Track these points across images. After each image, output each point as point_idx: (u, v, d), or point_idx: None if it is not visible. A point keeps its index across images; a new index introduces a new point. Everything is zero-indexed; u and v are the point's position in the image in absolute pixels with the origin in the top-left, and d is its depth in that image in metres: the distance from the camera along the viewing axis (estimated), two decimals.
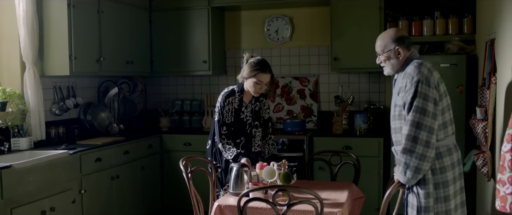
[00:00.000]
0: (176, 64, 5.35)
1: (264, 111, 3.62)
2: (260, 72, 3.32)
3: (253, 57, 3.43)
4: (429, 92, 2.56)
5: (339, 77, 5.24)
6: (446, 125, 2.66)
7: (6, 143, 3.84)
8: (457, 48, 4.38)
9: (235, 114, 3.44)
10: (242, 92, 3.47)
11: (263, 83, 3.36)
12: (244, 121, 3.49)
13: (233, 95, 3.44)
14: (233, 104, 3.43)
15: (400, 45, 2.74)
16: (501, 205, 2.30)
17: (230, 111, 3.43)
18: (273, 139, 3.69)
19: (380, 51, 2.82)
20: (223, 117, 3.40)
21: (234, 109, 3.43)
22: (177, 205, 5.15)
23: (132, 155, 4.64)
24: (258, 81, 3.33)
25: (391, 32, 2.82)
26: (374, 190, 4.56)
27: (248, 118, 3.50)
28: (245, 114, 3.49)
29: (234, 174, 3.06)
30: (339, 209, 2.70)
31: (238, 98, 3.45)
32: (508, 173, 2.26)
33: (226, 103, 3.41)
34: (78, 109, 4.80)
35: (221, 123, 3.40)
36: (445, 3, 4.75)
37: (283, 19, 5.35)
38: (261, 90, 3.41)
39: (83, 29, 4.33)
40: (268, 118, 3.66)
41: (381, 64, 2.87)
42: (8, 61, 4.18)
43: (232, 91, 3.46)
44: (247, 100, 3.50)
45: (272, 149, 3.66)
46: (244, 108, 3.48)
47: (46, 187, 3.55)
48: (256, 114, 3.54)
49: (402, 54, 2.75)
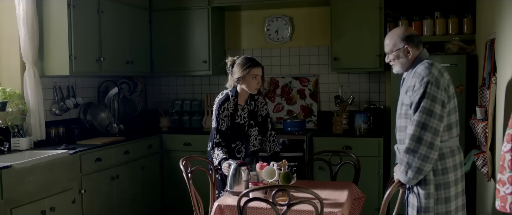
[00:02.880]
0: (176, 64, 5.35)
1: (261, 108, 3.61)
2: (253, 67, 3.35)
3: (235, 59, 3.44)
4: (437, 94, 2.54)
5: (339, 77, 5.24)
6: (451, 127, 2.65)
7: (6, 143, 3.84)
8: (457, 48, 4.38)
9: (231, 118, 3.45)
10: (237, 96, 3.47)
11: (259, 76, 3.39)
12: (240, 124, 3.49)
13: (228, 101, 3.44)
14: (229, 109, 3.44)
15: (409, 44, 2.72)
16: (501, 205, 2.30)
17: (226, 117, 3.44)
18: (273, 135, 3.67)
19: (388, 50, 2.78)
20: (219, 124, 3.42)
21: (230, 113, 3.44)
22: (177, 205, 5.15)
23: (132, 155, 4.64)
24: (253, 76, 3.36)
25: (399, 30, 2.78)
26: (374, 190, 4.56)
27: (245, 119, 3.50)
28: (241, 117, 3.49)
29: (231, 172, 3.06)
30: (339, 209, 2.70)
31: (233, 103, 3.45)
32: (508, 173, 2.26)
33: (221, 111, 3.42)
34: (78, 108, 4.80)
35: (216, 131, 3.42)
36: (445, 3, 4.75)
37: (283, 19, 5.35)
38: (259, 85, 3.42)
39: (83, 29, 4.33)
40: (266, 114, 3.65)
41: (390, 63, 2.83)
42: (8, 61, 4.18)
43: (227, 97, 3.45)
44: (242, 102, 3.50)
45: (273, 146, 3.64)
46: (240, 111, 3.49)
47: (46, 187, 3.55)
48: (252, 112, 3.54)
49: (411, 53, 2.73)
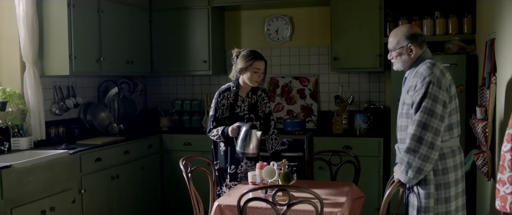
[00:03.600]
0: (176, 64, 5.35)
1: (263, 105, 3.62)
2: (256, 60, 3.38)
3: (241, 51, 3.47)
4: (439, 94, 2.54)
5: (339, 77, 5.24)
6: (452, 127, 2.65)
7: (6, 142, 3.84)
8: (457, 48, 4.38)
9: (230, 108, 3.48)
10: (238, 87, 3.50)
11: (260, 71, 3.41)
12: (240, 115, 3.50)
13: (228, 90, 3.50)
14: (229, 99, 3.48)
15: (413, 43, 2.71)
16: (501, 204, 2.30)
17: (224, 106, 3.48)
18: (275, 133, 3.67)
19: (392, 47, 2.78)
20: (216, 112, 3.47)
21: (229, 103, 3.48)
22: (177, 205, 5.15)
23: (132, 154, 4.64)
24: (255, 69, 3.38)
25: (404, 28, 2.78)
26: (374, 190, 4.56)
27: (245, 112, 3.52)
28: (241, 108, 3.51)
29: (242, 136, 3.13)
30: (339, 209, 2.70)
31: (234, 93, 3.49)
32: (508, 172, 2.26)
33: (220, 99, 3.47)
34: (78, 108, 4.80)
35: (213, 119, 3.48)
36: (445, 3, 4.75)
37: (283, 19, 5.35)
38: (260, 78, 3.44)
39: (83, 29, 4.33)
40: (269, 111, 3.66)
41: (392, 60, 2.83)
42: (8, 61, 4.18)
43: (228, 87, 3.52)
44: (243, 94, 3.53)
45: (275, 144, 3.64)
46: (241, 102, 3.51)
47: (46, 187, 3.55)
48: (252, 106, 3.55)
49: (414, 52, 2.72)
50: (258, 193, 2.87)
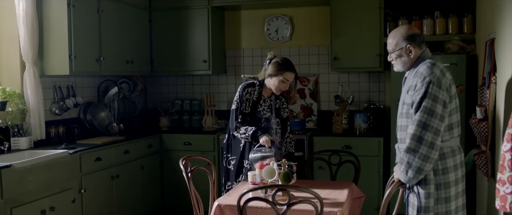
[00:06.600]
0: (176, 63, 5.35)
1: (282, 109, 3.66)
2: (286, 71, 3.41)
3: (276, 57, 3.49)
4: (439, 94, 2.54)
5: (339, 77, 5.24)
6: (452, 127, 2.65)
7: (6, 142, 3.84)
8: (457, 48, 4.38)
9: (252, 105, 3.50)
10: (262, 86, 3.53)
11: (288, 82, 3.44)
12: (260, 114, 3.53)
13: (252, 86, 3.53)
14: (252, 96, 3.50)
15: (412, 43, 2.71)
16: (501, 204, 2.30)
17: (248, 101, 3.49)
18: (291, 137, 3.72)
19: (391, 49, 2.78)
20: (241, 105, 3.47)
21: (253, 100, 3.50)
22: (177, 204, 5.15)
23: (132, 154, 4.64)
24: (284, 79, 3.41)
25: (402, 29, 2.77)
26: (374, 189, 4.56)
27: (266, 112, 3.54)
28: (262, 107, 3.54)
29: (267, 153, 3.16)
30: (339, 209, 2.70)
31: (258, 91, 3.52)
32: (508, 172, 2.26)
33: (244, 93, 3.49)
34: (78, 108, 4.80)
35: (239, 111, 3.47)
36: (445, 2, 4.75)
37: (283, 18, 5.35)
38: (285, 89, 3.48)
39: (83, 29, 4.33)
40: (286, 117, 3.70)
41: (392, 62, 2.83)
42: (8, 61, 4.18)
43: (252, 83, 3.55)
44: (266, 95, 3.56)
45: (289, 147, 3.69)
46: (262, 102, 3.54)
47: (46, 186, 3.55)
48: (277, 111, 3.59)
49: (413, 52, 2.72)
50: (258, 192, 2.87)
